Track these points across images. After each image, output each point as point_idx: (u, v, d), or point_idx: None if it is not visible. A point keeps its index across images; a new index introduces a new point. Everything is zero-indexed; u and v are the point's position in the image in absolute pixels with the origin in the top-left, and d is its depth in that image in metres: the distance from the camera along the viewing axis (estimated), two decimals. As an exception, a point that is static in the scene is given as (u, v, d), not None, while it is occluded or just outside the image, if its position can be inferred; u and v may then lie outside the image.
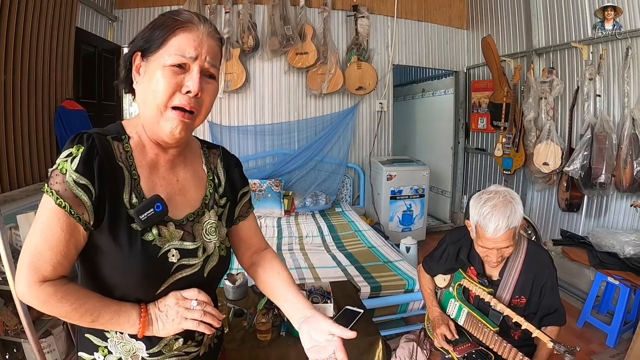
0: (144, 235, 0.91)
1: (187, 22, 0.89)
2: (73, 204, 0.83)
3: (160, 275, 0.93)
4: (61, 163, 0.84)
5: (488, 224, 1.59)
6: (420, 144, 7.23)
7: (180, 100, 0.88)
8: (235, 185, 1.15)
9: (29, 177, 3.00)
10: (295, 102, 5.37)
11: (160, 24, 0.90)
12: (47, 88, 3.24)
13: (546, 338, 1.52)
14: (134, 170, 0.93)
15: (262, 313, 2.03)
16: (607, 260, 3.25)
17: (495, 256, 1.67)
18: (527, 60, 4.68)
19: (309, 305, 1.03)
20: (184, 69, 0.88)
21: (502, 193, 1.64)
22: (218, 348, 1.19)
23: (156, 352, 0.98)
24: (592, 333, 3.19)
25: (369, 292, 2.89)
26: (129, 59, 0.93)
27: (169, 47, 0.87)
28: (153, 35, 0.89)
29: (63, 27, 3.41)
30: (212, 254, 1.03)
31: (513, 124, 4.61)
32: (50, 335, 2.46)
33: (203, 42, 0.90)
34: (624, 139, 3.37)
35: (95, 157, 0.86)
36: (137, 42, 0.92)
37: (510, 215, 1.58)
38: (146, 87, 0.89)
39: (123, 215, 0.89)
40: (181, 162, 1.04)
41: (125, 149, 0.93)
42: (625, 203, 3.69)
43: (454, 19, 5.95)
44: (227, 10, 4.83)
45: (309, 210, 5.11)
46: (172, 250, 0.95)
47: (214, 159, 1.13)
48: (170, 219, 0.96)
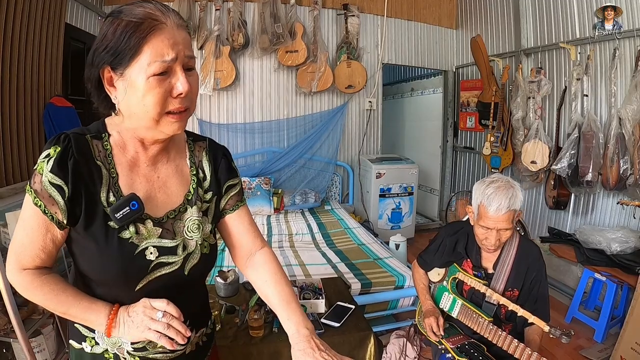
0: (121, 232, 0.91)
1: (152, 21, 0.82)
2: (47, 203, 0.86)
3: (137, 272, 0.93)
4: (40, 164, 0.86)
5: (491, 202, 1.70)
6: (409, 143, 7.26)
7: (173, 104, 0.87)
8: (220, 177, 1.12)
9: (17, 174, 2.95)
10: (285, 100, 5.36)
11: (122, 31, 0.82)
12: (36, 84, 3.19)
13: (542, 323, 1.58)
14: (112, 169, 0.93)
15: (254, 310, 2.02)
16: (594, 257, 3.30)
17: (494, 238, 1.74)
18: (515, 60, 4.71)
19: (295, 328, 1.00)
20: (167, 73, 0.85)
21: (503, 179, 1.77)
22: (208, 346, 1.18)
23: (140, 348, 0.99)
24: (580, 328, 3.23)
25: (360, 289, 2.90)
26: (97, 75, 0.88)
27: (145, 55, 0.82)
28: (120, 46, 0.82)
29: (52, 22, 3.35)
30: (193, 252, 1.01)
31: (501, 123, 4.66)
32: (40, 334, 2.42)
33: (177, 38, 0.85)
34: (611, 138, 3.41)
35: (70, 157, 0.87)
36: (101, 56, 0.85)
37: (512, 197, 1.69)
38: (132, 100, 0.85)
39: (100, 213, 0.90)
40: (163, 158, 1.02)
41: (105, 147, 0.93)
42: (611, 201, 3.74)
43: (444, 19, 5.98)
44: (218, 8, 4.80)
45: (299, 208, 5.11)
46: (150, 247, 0.95)
47: (199, 152, 1.10)
48: (149, 217, 0.96)
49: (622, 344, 2.71)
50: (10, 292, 2.13)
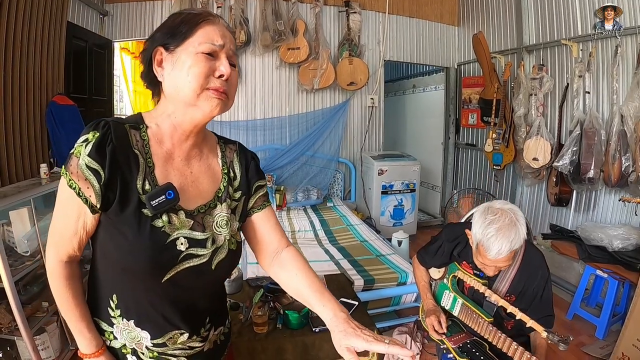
0: (154, 221, 0.92)
1: (207, 14, 0.94)
2: (82, 186, 0.87)
3: (167, 261, 0.94)
4: (77, 147, 0.87)
5: (491, 246, 1.59)
6: (411, 140, 7.25)
7: (214, 83, 0.92)
8: (251, 178, 1.15)
9: (20, 173, 2.97)
10: (287, 97, 5.36)
11: (181, 19, 0.93)
12: (39, 83, 3.20)
13: (540, 327, 1.54)
14: (149, 158, 0.95)
15: (258, 306, 2.04)
16: (595, 254, 3.30)
17: (493, 271, 1.72)
18: (517, 57, 4.71)
19: (332, 313, 0.98)
20: (213, 57, 0.92)
21: (507, 214, 1.61)
22: (225, 345, 1.20)
23: (160, 343, 1.00)
24: (582, 325, 3.24)
25: (363, 285, 2.91)
26: (149, 54, 0.95)
27: (197, 36, 0.91)
28: (177, 29, 0.92)
29: (54, 21, 3.36)
30: (222, 247, 1.03)
31: (503, 119, 4.66)
32: (44, 332, 2.45)
33: (225, 32, 0.95)
34: (613, 135, 3.42)
35: (109, 143, 0.88)
36: (158, 37, 0.94)
37: (514, 239, 1.57)
38: (178, 75, 0.91)
39: (135, 200, 0.91)
40: (196, 155, 1.05)
41: (142, 138, 0.96)
42: (613, 198, 3.75)
43: (445, 16, 5.98)
44: (219, 5, 4.80)
45: (301, 205, 5.12)
46: (181, 238, 0.96)
47: (231, 154, 1.13)
48: (182, 208, 0.97)
49: (624, 341, 2.71)
50: (15, 290, 2.15)
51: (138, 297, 0.97)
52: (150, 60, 0.95)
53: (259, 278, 2.59)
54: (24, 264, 2.35)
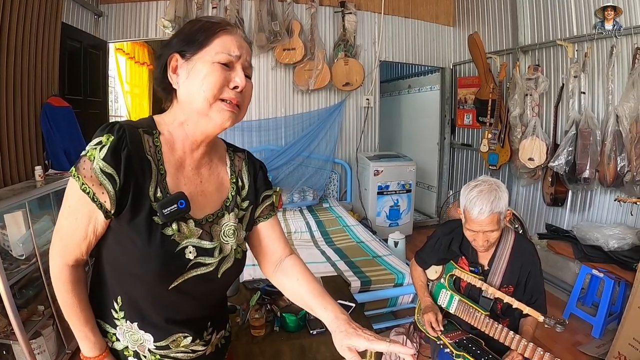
0: (164, 229, 0.92)
1: (226, 24, 0.95)
2: (97, 191, 0.86)
3: (175, 269, 0.94)
4: (90, 150, 0.86)
5: (473, 207, 1.74)
6: (407, 140, 7.26)
7: (228, 94, 0.92)
8: (259, 188, 1.16)
9: (15, 175, 2.93)
10: (282, 98, 5.35)
11: (199, 26, 0.94)
12: (33, 84, 3.17)
13: (536, 313, 1.63)
14: (161, 165, 0.94)
15: (255, 309, 2.03)
16: (591, 254, 3.32)
17: (482, 239, 1.79)
18: (513, 57, 4.72)
19: (334, 315, 1.00)
20: (228, 67, 0.93)
21: (488, 182, 1.79)
22: (225, 348, 1.20)
23: (163, 346, 1.00)
24: (578, 324, 3.25)
25: (359, 287, 2.91)
26: (165, 60, 0.96)
27: (214, 46, 0.92)
28: (194, 37, 0.93)
29: (49, 22, 3.33)
30: (228, 256, 1.04)
31: (499, 120, 4.68)
32: (40, 336, 2.43)
33: (242, 43, 0.96)
34: (608, 135, 3.43)
35: (124, 148, 0.87)
36: (175, 44, 0.95)
37: (494, 200, 1.72)
38: (193, 83, 0.91)
39: (146, 207, 0.90)
40: (206, 164, 1.05)
41: (155, 144, 0.95)
42: (609, 197, 3.76)
43: (441, 16, 5.99)
44: (215, 6, 4.79)
45: (297, 206, 5.12)
46: (190, 247, 0.96)
47: (239, 162, 1.14)
48: (191, 217, 0.98)
49: (620, 340, 2.73)
50: (10, 293, 2.13)
51: (143, 300, 0.97)
52: (165, 66, 0.96)
53: (255, 280, 2.58)
54: (19, 267, 2.33)
